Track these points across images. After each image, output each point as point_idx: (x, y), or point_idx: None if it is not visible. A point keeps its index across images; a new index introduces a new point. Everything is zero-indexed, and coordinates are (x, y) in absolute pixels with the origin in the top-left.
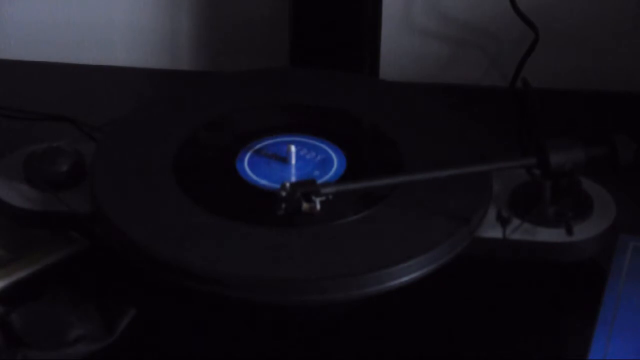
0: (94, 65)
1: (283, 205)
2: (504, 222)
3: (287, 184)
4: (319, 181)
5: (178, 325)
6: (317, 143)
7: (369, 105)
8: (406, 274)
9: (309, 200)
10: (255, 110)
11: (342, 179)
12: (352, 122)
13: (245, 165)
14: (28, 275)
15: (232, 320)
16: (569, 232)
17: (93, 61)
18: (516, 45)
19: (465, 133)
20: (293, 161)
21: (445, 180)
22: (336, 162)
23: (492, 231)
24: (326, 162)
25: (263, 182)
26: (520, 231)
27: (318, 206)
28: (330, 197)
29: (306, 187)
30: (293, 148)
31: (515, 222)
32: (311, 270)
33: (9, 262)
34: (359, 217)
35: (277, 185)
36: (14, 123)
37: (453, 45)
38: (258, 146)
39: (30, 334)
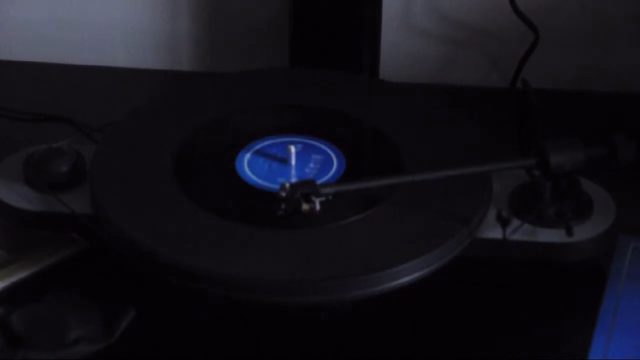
0: (94, 65)
1: (283, 206)
2: (504, 222)
3: (287, 185)
4: (319, 182)
5: (178, 325)
6: (317, 143)
7: (369, 106)
8: (406, 275)
9: (309, 201)
10: (255, 111)
11: (342, 179)
12: (352, 122)
13: (245, 165)
14: (28, 276)
15: (232, 320)
16: (569, 232)
17: (93, 61)
18: (516, 45)
19: (465, 134)
20: (293, 162)
21: (445, 181)
22: (336, 163)
23: (492, 232)
24: (326, 163)
25: (263, 182)
26: (520, 232)
27: (318, 207)
28: (330, 197)
29: (306, 188)
30: (293, 148)
31: (515, 222)
32: (311, 270)
33: (9, 263)
34: (358, 217)
35: (277, 186)
36: (13, 123)
37: (453, 45)
38: (258, 147)
39: (30, 334)
